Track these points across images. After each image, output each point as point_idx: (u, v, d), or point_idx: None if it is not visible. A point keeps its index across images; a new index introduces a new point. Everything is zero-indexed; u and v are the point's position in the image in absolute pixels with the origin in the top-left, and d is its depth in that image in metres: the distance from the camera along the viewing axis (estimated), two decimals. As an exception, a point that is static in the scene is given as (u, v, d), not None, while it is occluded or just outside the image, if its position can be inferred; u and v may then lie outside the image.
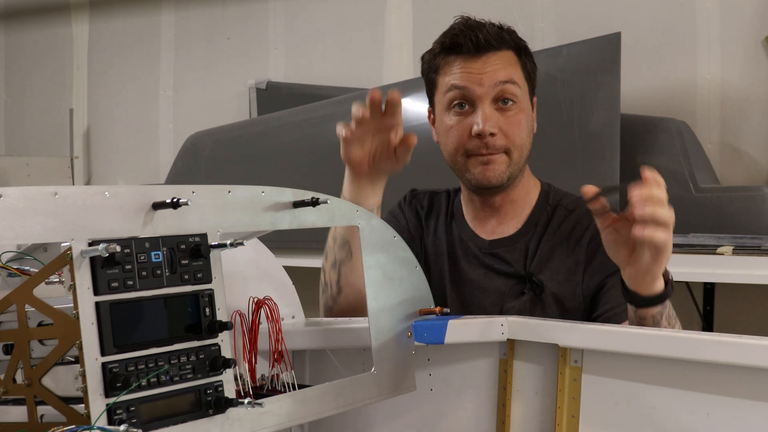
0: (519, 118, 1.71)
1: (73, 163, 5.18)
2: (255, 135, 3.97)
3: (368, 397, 1.41)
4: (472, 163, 1.72)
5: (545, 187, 1.82)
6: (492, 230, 1.80)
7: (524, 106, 1.72)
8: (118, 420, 1.06)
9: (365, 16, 4.21)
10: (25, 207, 1.02)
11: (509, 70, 1.71)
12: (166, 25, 4.97)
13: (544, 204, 1.79)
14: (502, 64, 1.70)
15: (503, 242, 1.78)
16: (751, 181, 3.21)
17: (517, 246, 1.76)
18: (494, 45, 1.70)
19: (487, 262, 1.77)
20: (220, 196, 1.23)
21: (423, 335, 1.48)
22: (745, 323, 3.18)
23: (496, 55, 1.70)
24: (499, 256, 1.77)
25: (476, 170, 1.72)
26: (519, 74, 1.72)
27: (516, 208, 1.79)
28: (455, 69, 1.72)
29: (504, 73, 1.69)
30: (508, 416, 1.43)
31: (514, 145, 1.70)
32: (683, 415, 1.30)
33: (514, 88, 1.70)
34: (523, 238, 1.76)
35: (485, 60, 1.70)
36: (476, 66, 1.70)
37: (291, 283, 1.61)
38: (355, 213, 1.43)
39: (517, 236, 1.77)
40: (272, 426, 1.25)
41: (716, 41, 3.28)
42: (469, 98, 1.70)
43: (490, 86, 1.69)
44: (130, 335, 1.10)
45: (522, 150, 1.72)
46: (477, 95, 1.69)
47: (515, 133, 1.70)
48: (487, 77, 1.69)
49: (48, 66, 5.51)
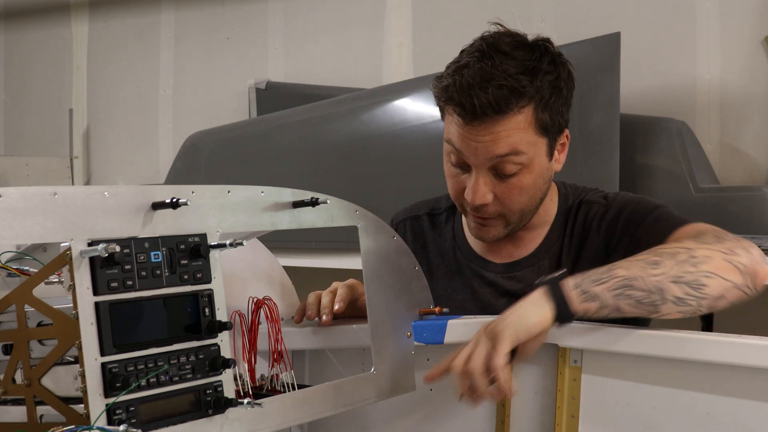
0: (522, 183, 1.50)
1: (72, 163, 5.18)
2: (254, 135, 3.96)
3: (368, 397, 1.41)
4: (469, 217, 1.58)
5: (562, 190, 1.65)
6: (510, 251, 1.63)
7: (534, 167, 1.50)
8: (117, 420, 1.06)
9: (365, 16, 4.20)
10: (24, 207, 1.02)
11: (513, 138, 1.46)
12: (166, 25, 4.96)
13: (565, 212, 1.62)
14: (505, 132, 1.45)
15: (523, 263, 1.61)
16: (751, 181, 3.20)
17: (542, 264, 1.60)
18: (491, 114, 1.44)
19: (507, 288, 1.60)
20: (219, 196, 1.22)
21: (422, 335, 1.48)
22: (745, 323, 3.18)
23: (499, 122, 1.45)
24: (519, 279, 1.60)
25: (472, 225, 1.58)
26: (529, 137, 1.48)
27: (536, 224, 1.61)
28: (454, 125, 1.49)
29: (504, 145, 1.46)
30: (507, 416, 1.43)
31: (511, 211, 1.53)
32: (683, 415, 1.30)
33: (517, 158, 1.47)
34: (548, 254, 1.60)
35: (485, 128, 1.46)
36: (472, 133, 1.47)
37: (291, 283, 1.61)
38: (354, 213, 1.43)
39: (539, 253, 1.61)
40: (272, 426, 1.25)
41: (716, 41, 3.27)
42: (464, 162, 1.51)
43: (486, 159, 1.48)
44: (129, 335, 1.10)
45: (522, 212, 1.54)
46: (472, 162, 1.49)
47: (513, 201, 1.51)
48: (483, 148, 1.46)
49: (47, 66, 5.50)
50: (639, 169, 2.99)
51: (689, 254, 1.32)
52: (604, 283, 1.30)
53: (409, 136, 3.26)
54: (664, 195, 2.87)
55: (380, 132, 3.38)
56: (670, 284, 1.30)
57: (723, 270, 1.31)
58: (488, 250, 1.65)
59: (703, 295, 1.30)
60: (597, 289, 1.30)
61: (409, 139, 3.26)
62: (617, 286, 1.30)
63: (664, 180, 2.93)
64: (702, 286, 1.30)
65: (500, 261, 1.63)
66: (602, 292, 1.30)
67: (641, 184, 2.96)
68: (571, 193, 1.64)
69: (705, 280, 1.30)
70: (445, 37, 3.87)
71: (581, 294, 1.30)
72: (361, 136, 3.45)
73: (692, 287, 1.30)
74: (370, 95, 3.60)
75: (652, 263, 1.31)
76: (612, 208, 1.57)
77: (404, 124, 3.31)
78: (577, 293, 1.30)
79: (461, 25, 3.80)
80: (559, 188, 1.65)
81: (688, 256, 1.32)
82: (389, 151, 3.33)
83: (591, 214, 1.59)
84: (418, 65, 3.99)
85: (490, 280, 1.63)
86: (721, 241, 1.36)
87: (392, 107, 3.39)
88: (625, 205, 1.56)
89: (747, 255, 1.34)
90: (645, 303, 1.30)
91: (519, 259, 1.62)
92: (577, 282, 1.31)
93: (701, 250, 1.33)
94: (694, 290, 1.30)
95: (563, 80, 1.51)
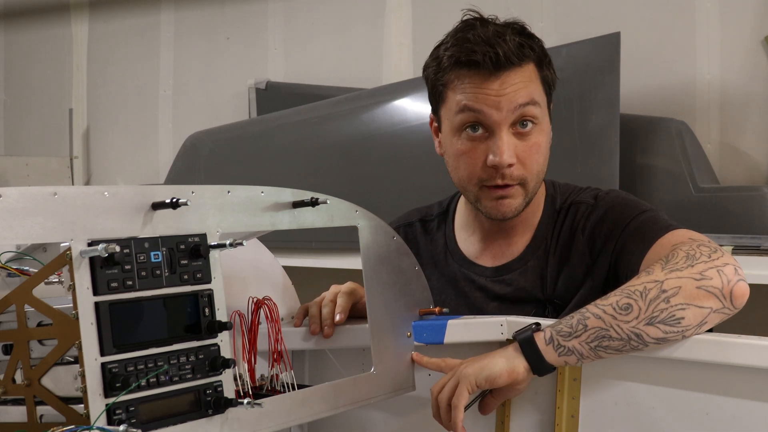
0: (539, 141, 1.53)
1: (72, 163, 5.18)
2: (254, 135, 3.96)
3: (368, 397, 1.41)
4: (485, 195, 1.55)
5: (550, 190, 1.64)
6: (501, 252, 1.63)
7: (544, 126, 1.54)
8: (117, 420, 1.06)
9: (365, 16, 4.20)
10: (24, 207, 1.02)
11: (530, 88, 1.50)
12: (166, 25, 4.96)
13: (552, 213, 1.61)
14: (523, 83, 1.49)
15: (512, 266, 1.61)
16: (751, 181, 3.20)
17: (530, 266, 1.59)
18: (515, 61, 1.48)
19: (497, 292, 1.61)
20: (219, 196, 1.22)
21: (422, 335, 1.48)
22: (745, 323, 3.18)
23: (516, 73, 1.49)
24: (508, 282, 1.60)
25: (489, 203, 1.55)
26: (539, 90, 1.53)
27: (525, 223, 1.62)
28: (469, 87, 1.50)
29: (525, 94, 1.49)
30: (507, 416, 1.43)
31: (532, 174, 1.53)
32: (683, 415, 1.29)
33: (535, 108, 1.50)
34: (534, 255, 1.60)
35: (504, 79, 1.48)
36: (494, 87, 1.48)
37: (290, 283, 1.61)
38: (354, 213, 1.43)
39: (527, 255, 1.60)
40: (272, 426, 1.25)
41: (716, 41, 3.27)
42: (485, 123, 1.50)
43: (510, 111, 1.48)
44: (129, 335, 1.10)
45: (539, 176, 1.55)
46: (494, 121, 1.49)
47: (534, 161, 1.52)
48: (506, 100, 1.48)
49: (47, 66, 5.50)
50: (639, 169, 2.99)
51: (659, 288, 1.28)
52: (578, 336, 1.30)
53: (409, 136, 3.26)
54: (664, 195, 2.87)
55: (380, 132, 3.38)
56: (646, 327, 1.27)
57: (696, 298, 1.27)
58: (479, 254, 1.65)
59: (683, 327, 1.27)
60: (571, 343, 1.30)
61: (409, 139, 3.26)
62: (592, 338, 1.29)
63: (664, 180, 2.93)
64: (679, 320, 1.26)
65: (490, 264, 1.63)
66: (578, 345, 1.30)
67: (641, 184, 2.96)
68: (559, 194, 1.63)
69: (680, 312, 1.27)
70: (445, 37, 3.86)
71: (556, 348, 1.32)
72: (361, 136, 3.45)
73: (669, 324, 1.26)
74: (369, 95, 3.60)
75: (624, 307, 1.29)
76: (598, 208, 1.56)
77: (404, 124, 3.31)
78: (552, 348, 1.32)
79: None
80: (547, 188, 1.64)
81: (659, 291, 1.28)
82: (389, 151, 3.33)
83: (578, 215, 1.58)
84: (418, 65, 3.97)
85: (480, 284, 1.63)
86: (693, 264, 1.30)
87: (392, 107, 3.39)
88: (611, 208, 1.55)
89: (720, 277, 1.28)
90: (625, 350, 1.29)
91: (507, 262, 1.62)
92: (550, 336, 1.32)
93: (671, 281, 1.28)
94: (671, 326, 1.26)
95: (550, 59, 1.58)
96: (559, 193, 1.64)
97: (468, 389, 1.34)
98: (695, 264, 1.30)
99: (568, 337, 1.31)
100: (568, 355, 1.31)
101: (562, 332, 1.31)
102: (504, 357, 1.34)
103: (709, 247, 1.35)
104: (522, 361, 1.33)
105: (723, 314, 1.29)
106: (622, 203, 1.56)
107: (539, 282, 1.58)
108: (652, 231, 1.46)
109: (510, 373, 1.33)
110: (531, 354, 1.33)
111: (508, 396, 1.40)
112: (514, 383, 1.34)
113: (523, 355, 1.33)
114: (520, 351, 1.33)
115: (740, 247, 2.67)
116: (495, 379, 1.33)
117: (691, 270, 1.30)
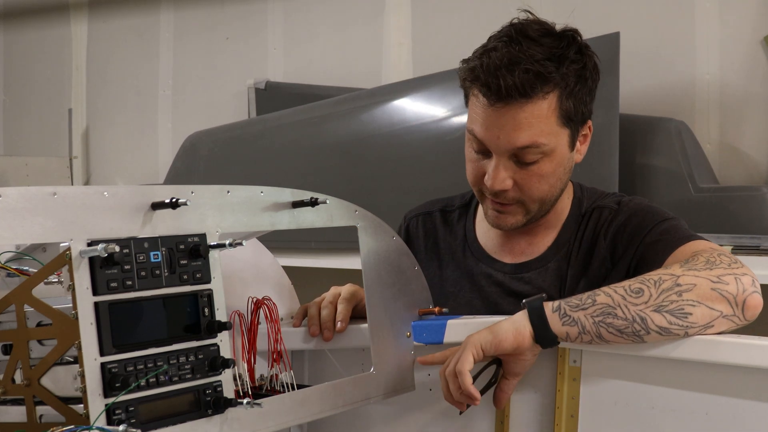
0: (543, 170, 1.48)
1: (72, 163, 5.18)
2: (254, 135, 3.97)
3: (368, 397, 1.41)
4: (486, 203, 1.55)
5: (577, 193, 1.62)
6: (521, 250, 1.61)
7: (556, 156, 1.49)
8: (117, 420, 1.06)
9: (364, 16, 4.20)
10: (24, 207, 1.02)
11: (535, 129, 1.44)
12: (165, 24, 4.96)
13: (577, 216, 1.60)
14: (527, 121, 1.44)
15: (532, 265, 1.59)
16: (750, 181, 3.20)
17: (550, 267, 1.58)
18: (518, 97, 1.43)
19: (515, 289, 1.59)
20: (219, 196, 1.22)
21: (422, 335, 1.48)
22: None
23: (524, 108, 1.43)
24: (526, 281, 1.59)
25: (490, 213, 1.55)
26: (551, 128, 1.46)
27: (549, 224, 1.60)
28: (478, 108, 1.48)
29: (526, 136, 1.44)
30: (507, 416, 1.43)
31: (531, 198, 1.51)
32: (683, 415, 1.29)
33: (534, 152, 1.46)
34: (556, 257, 1.58)
35: (505, 112, 1.44)
36: (495, 117, 1.45)
37: (290, 283, 1.61)
38: (354, 213, 1.43)
39: (548, 256, 1.59)
40: (271, 426, 1.25)
41: (715, 41, 3.27)
42: (485, 148, 1.49)
43: (506, 149, 1.46)
44: (129, 335, 1.10)
45: (543, 199, 1.52)
46: (492, 148, 1.48)
47: (533, 188, 1.50)
48: (505, 136, 1.45)
49: (47, 66, 5.50)
50: (638, 169, 2.99)
51: (674, 281, 1.29)
52: (585, 309, 1.31)
53: (408, 136, 3.26)
54: (663, 195, 2.87)
55: (380, 132, 3.38)
56: (653, 313, 1.27)
57: (708, 299, 1.27)
58: (499, 249, 1.64)
59: (688, 323, 1.26)
60: (577, 314, 1.31)
61: (409, 139, 3.26)
62: (598, 313, 1.29)
63: (664, 180, 2.93)
64: (686, 314, 1.26)
65: (510, 261, 1.62)
66: (582, 317, 1.30)
67: (641, 184, 2.96)
68: (586, 197, 1.62)
69: (689, 308, 1.26)
70: (445, 36, 3.87)
71: (562, 317, 1.32)
72: (361, 136, 3.45)
73: (675, 315, 1.26)
74: (369, 95, 3.60)
75: (635, 291, 1.29)
76: (621, 214, 1.55)
77: (404, 124, 3.31)
78: (558, 316, 1.32)
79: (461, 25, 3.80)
80: (574, 191, 1.64)
81: (673, 284, 1.28)
82: (389, 151, 3.33)
83: (601, 220, 1.57)
84: (417, 65, 3.99)
85: (497, 279, 1.62)
86: (712, 268, 1.30)
87: (392, 107, 3.39)
88: (634, 214, 1.54)
89: (736, 284, 1.28)
90: (627, 332, 1.28)
91: (528, 260, 1.60)
92: (558, 305, 1.33)
93: (687, 277, 1.29)
94: (678, 318, 1.26)
95: (589, 70, 1.51)
96: (586, 197, 1.63)
97: (473, 354, 1.33)
98: (714, 268, 1.31)
99: (575, 309, 1.31)
100: (571, 326, 1.31)
101: (571, 303, 1.32)
102: (510, 321, 1.35)
103: (730, 257, 1.35)
104: (528, 326, 1.33)
105: (731, 322, 1.28)
106: (644, 210, 1.55)
107: (558, 283, 1.56)
108: (673, 239, 1.46)
109: (516, 335, 1.32)
110: (537, 320, 1.32)
111: (518, 372, 1.37)
112: (519, 349, 1.33)
113: (529, 321, 1.33)
114: (526, 316, 1.33)
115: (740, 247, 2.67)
116: (501, 342, 1.32)
117: (710, 272, 1.30)
